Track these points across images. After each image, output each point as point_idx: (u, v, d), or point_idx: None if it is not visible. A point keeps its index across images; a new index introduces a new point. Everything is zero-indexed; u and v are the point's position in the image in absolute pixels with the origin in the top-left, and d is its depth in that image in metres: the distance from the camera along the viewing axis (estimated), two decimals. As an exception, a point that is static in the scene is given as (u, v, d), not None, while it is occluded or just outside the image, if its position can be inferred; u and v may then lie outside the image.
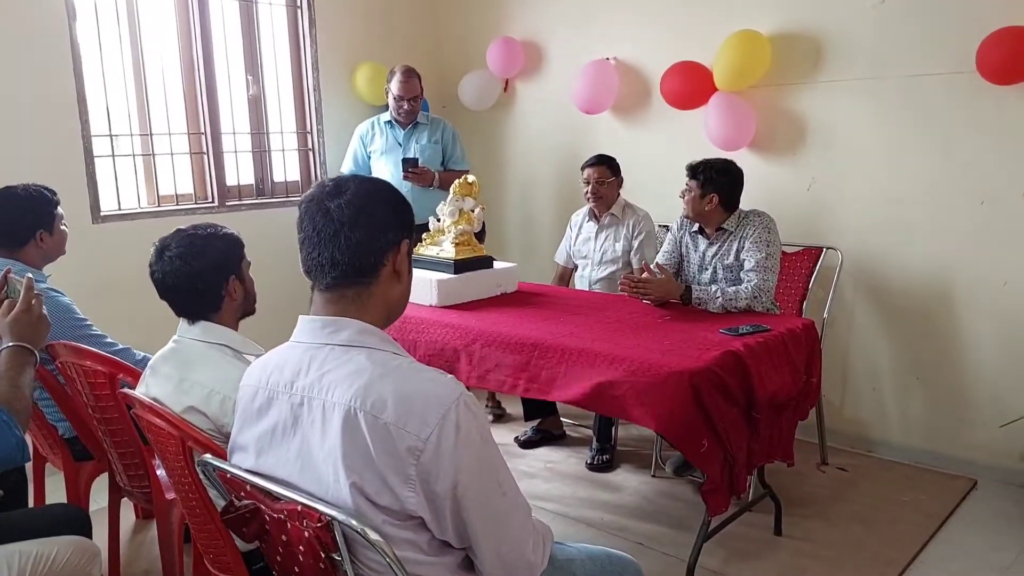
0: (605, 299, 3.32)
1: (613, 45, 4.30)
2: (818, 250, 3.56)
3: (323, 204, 1.36)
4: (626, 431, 3.83)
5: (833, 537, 2.92)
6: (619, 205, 3.78)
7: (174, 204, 4.08)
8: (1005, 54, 3.04)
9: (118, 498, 2.66)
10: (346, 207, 1.35)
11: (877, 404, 3.67)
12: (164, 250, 1.91)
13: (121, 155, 3.88)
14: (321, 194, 1.38)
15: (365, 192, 1.38)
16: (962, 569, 2.71)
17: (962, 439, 3.43)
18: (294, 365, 1.38)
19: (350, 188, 1.38)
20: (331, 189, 1.38)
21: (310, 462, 1.32)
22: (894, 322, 3.58)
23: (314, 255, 1.37)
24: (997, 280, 3.26)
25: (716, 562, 2.73)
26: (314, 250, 1.37)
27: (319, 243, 1.36)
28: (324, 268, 1.37)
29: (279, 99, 4.51)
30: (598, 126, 4.43)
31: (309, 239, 1.38)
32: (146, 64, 3.95)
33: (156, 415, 1.80)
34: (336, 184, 1.39)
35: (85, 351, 2.32)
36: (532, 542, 1.41)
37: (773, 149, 3.81)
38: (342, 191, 1.37)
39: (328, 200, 1.36)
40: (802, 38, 3.64)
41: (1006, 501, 3.16)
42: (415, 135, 4.24)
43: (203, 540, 1.91)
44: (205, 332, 1.91)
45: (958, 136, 3.28)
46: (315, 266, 1.38)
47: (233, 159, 4.33)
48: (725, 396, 2.37)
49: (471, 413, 1.29)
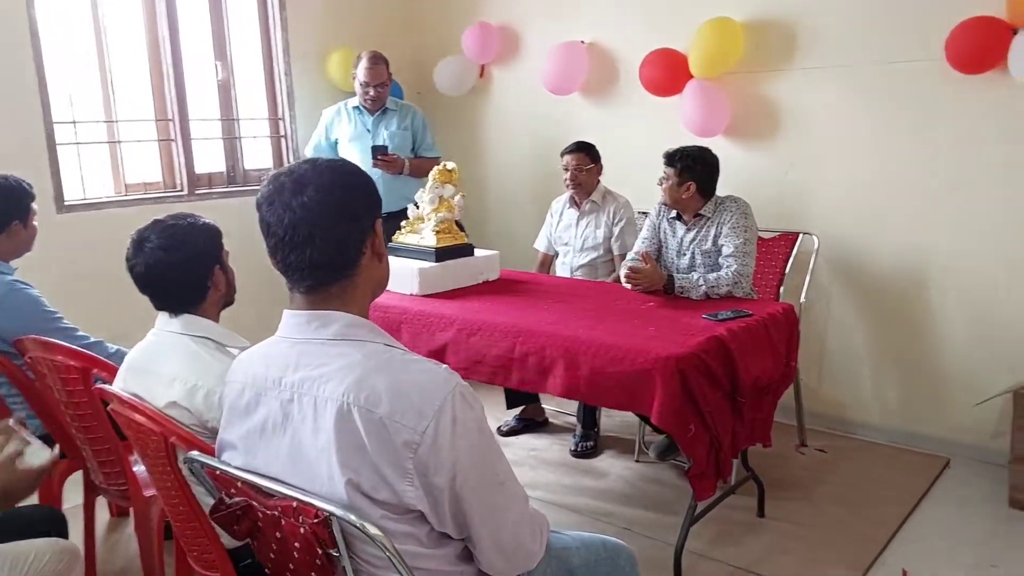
0: (588, 286, 3.31)
1: (589, 31, 4.28)
2: (794, 235, 3.58)
3: (287, 203, 1.28)
4: (609, 417, 3.84)
5: (815, 517, 2.95)
6: (599, 192, 3.77)
7: (142, 193, 3.99)
8: (972, 44, 3.07)
9: (93, 497, 2.60)
10: (313, 204, 1.28)
11: (854, 386, 3.71)
12: (143, 242, 1.85)
13: (86, 143, 3.78)
14: (281, 191, 1.29)
15: (329, 183, 1.30)
16: (940, 545, 2.75)
17: (936, 419, 3.48)
18: (281, 361, 1.34)
19: (312, 181, 1.29)
20: (291, 186, 1.29)
21: (302, 459, 1.29)
22: (870, 306, 3.61)
23: (290, 259, 1.30)
24: (970, 264, 3.30)
25: (702, 544, 2.75)
26: (289, 254, 1.30)
27: (293, 247, 1.29)
28: (303, 272, 1.31)
29: (249, 85, 4.42)
30: (575, 112, 4.41)
31: (281, 243, 1.30)
32: (110, 49, 3.84)
33: (136, 411, 1.75)
34: (295, 179, 1.30)
35: (56, 346, 2.26)
36: (530, 531, 1.41)
37: (748, 135, 3.82)
38: (304, 186, 1.29)
39: (291, 198, 1.28)
40: (776, 25, 3.65)
41: (979, 478, 3.22)
42: (384, 121, 4.18)
43: (187, 537, 1.87)
44: (187, 325, 1.86)
45: (930, 123, 3.31)
46: (292, 270, 1.32)
47: (202, 146, 4.23)
48: (711, 381, 2.37)
49: (467, 404, 1.27)
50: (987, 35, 3.04)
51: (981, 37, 3.06)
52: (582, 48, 4.25)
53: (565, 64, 4.24)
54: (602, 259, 3.76)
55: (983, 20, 3.04)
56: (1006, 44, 3.00)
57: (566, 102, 4.40)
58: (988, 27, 3.03)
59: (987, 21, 3.03)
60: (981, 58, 3.08)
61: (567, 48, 4.24)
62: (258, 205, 1.33)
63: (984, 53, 3.06)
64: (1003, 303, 3.25)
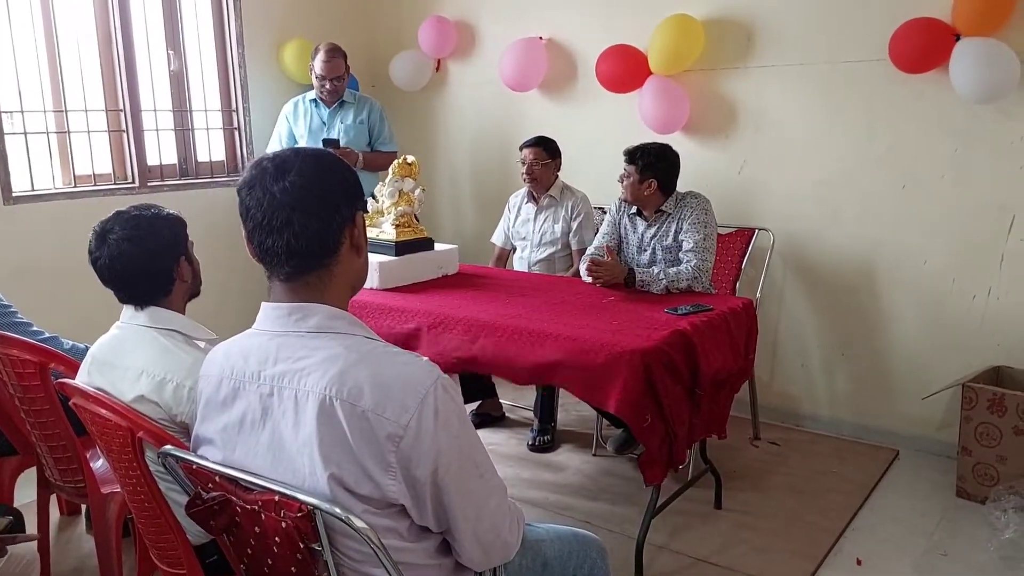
0: (548, 280, 3.33)
1: (547, 26, 4.29)
2: (750, 231, 3.66)
3: (268, 187, 1.28)
4: (565, 412, 3.87)
5: (770, 508, 3.02)
6: (557, 187, 3.79)
7: (92, 184, 3.88)
8: (913, 45, 3.16)
9: (47, 494, 2.53)
10: (294, 189, 1.27)
11: (806, 380, 3.80)
12: (107, 234, 1.81)
13: (33, 132, 3.67)
14: (263, 176, 1.29)
15: (311, 169, 1.30)
16: (892, 534, 2.84)
17: (885, 412, 3.58)
18: (260, 354, 1.33)
19: (294, 166, 1.29)
20: (273, 171, 1.29)
21: (282, 454, 1.28)
22: (822, 300, 3.71)
23: (267, 244, 1.29)
24: (918, 260, 3.41)
25: (662, 537, 2.79)
26: (267, 238, 1.29)
27: (271, 231, 1.28)
28: (281, 257, 1.30)
29: (203, 75, 4.34)
30: (532, 108, 4.42)
31: (259, 227, 1.29)
32: (60, 37, 3.72)
33: (102, 405, 1.71)
34: (278, 164, 1.30)
35: (10, 339, 2.19)
36: (508, 522, 1.41)
37: (706, 132, 3.88)
38: (286, 171, 1.28)
39: (272, 183, 1.28)
40: (734, 23, 3.71)
41: (927, 469, 3.33)
42: (340, 115, 4.14)
43: (152, 535, 1.83)
44: (153, 318, 1.82)
45: (880, 122, 3.41)
46: (270, 255, 1.30)
47: (154, 137, 4.14)
48: (672, 374, 2.41)
49: (448, 396, 1.27)
50: (929, 37, 3.13)
51: (923, 38, 3.14)
52: (540, 44, 4.26)
53: (524, 61, 4.24)
54: (560, 254, 3.79)
55: (925, 22, 3.13)
56: (948, 48, 3.09)
57: (522, 98, 4.41)
58: (931, 29, 3.12)
59: (926, 23, 3.13)
60: (922, 58, 3.17)
61: (525, 44, 4.24)
62: (239, 190, 1.32)
63: (925, 54, 3.15)
64: (950, 298, 3.36)
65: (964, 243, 3.30)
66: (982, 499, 2.96)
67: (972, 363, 3.26)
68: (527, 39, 4.26)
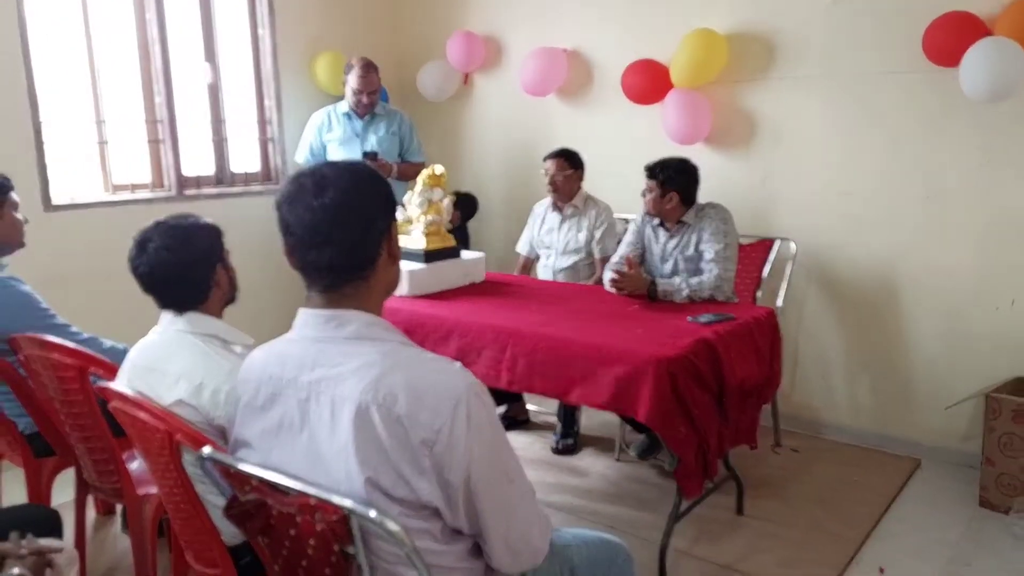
0: (573, 288, 3.39)
1: (573, 41, 4.35)
2: (770, 241, 3.68)
3: (308, 203, 1.32)
4: (588, 416, 3.90)
5: (792, 516, 3.02)
6: (581, 197, 3.84)
7: (130, 193, 3.98)
8: (946, 36, 3.13)
9: (84, 495, 2.60)
10: (334, 206, 1.32)
11: (826, 389, 3.81)
12: (147, 243, 1.87)
13: (74, 143, 3.76)
14: (302, 192, 1.33)
15: (349, 184, 1.34)
16: (914, 544, 2.84)
17: (907, 422, 3.58)
18: (298, 359, 1.38)
19: (332, 182, 1.33)
20: (312, 187, 1.33)
21: (319, 458, 1.32)
22: (843, 310, 3.71)
23: (309, 258, 1.35)
24: (941, 272, 3.40)
25: (685, 542, 2.82)
26: (308, 253, 1.34)
27: (312, 247, 1.33)
28: (321, 271, 1.35)
29: (238, 87, 4.43)
30: (556, 119, 4.48)
31: (301, 243, 1.34)
32: (99, 50, 3.83)
33: (141, 409, 1.77)
34: (316, 180, 1.33)
35: (51, 344, 2.25)
36: (538, 528, 1.44)
37: (729, 144, 3.91)
38: (324, 188, 1.32)
39: (312, 199, 1.32)
40: (757, 37, 3.74)
41: (949, 479, 3.32)
42: (373, 126, 4.23)
43: (187, 535, 1.89)
44: (193, 323, 1.88)
45: (905, 133, 3.41)
46: (311, 269, 1.36)
47: (191, 148, 4.23)
48: (699, 383, 2.44)
49: (481, 402, 1.30)
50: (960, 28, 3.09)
51: (955, 30, 3.10)
52: (562, 53, 4.32)
53: (543, 66, 4.30)
54: (584, 262, 3.84)
55: (955, 15, 3.11)
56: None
57: (547, 110, 4.47)
58: (961, 20, 3.09)
59: (959, 16, 3.10)
60: (955, 49, 3.09)
61: (546, 52, 4.30)
62: (277, 205, 1.37)
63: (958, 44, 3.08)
64: (973, 308, 3.35)
65: (987, 254, 3.29)
66: (1005, 509, 2.96)
67: (995, 374, 3.24)
68: (549, 47, 4.32)
